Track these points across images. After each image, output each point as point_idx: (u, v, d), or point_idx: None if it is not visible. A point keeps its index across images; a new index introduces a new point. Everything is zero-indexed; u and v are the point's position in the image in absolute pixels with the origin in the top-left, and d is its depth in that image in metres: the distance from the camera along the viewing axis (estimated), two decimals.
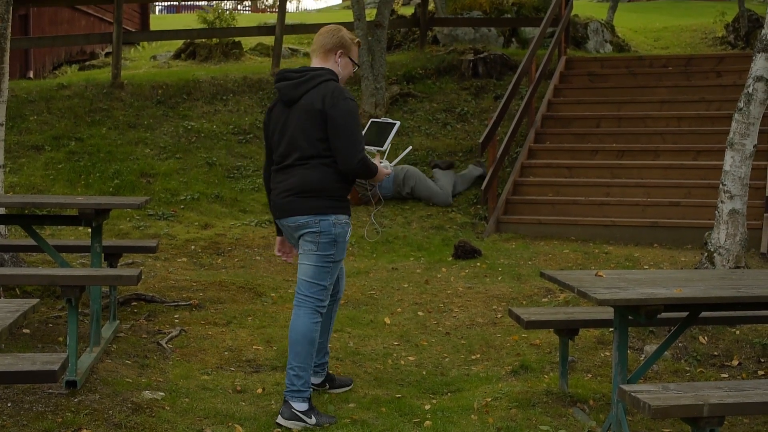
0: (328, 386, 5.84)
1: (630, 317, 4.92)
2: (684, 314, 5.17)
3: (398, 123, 5.90)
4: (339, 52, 5.48)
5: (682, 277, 5.32)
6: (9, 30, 7.76)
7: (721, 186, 7.43)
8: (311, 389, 5.33)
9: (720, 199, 7.41)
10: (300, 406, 5.19)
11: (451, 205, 11.40)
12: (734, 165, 7.36)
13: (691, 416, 4.19)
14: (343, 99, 5.27)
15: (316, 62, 5.49)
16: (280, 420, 5.21)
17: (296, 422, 5.18)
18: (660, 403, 4.13)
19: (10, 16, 7.77)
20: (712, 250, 7.39)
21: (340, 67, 5.50)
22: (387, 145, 5.72)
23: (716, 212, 7.44)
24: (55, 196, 8.35)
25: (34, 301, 3.91)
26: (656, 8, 30.60)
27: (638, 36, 21.47)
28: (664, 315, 4.92)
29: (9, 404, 5.11)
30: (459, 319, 7.73)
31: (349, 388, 5.92)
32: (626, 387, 4.44)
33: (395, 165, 5.89)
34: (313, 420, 5.19)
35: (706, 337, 6.74)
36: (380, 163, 5.58)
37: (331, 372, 5.95)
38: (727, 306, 5.10)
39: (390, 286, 8.58)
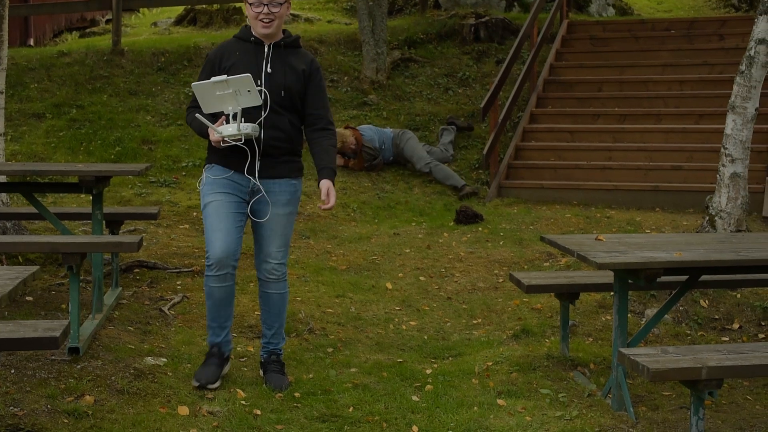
0: (262, 372, 5.49)
1: (630, 281, 4.94)
2: (684, 278, 5.18)
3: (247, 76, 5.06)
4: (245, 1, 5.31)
5: (682, 241, 5.33)
6: None
7: (722, 149, 7.41)
8: (210, 341, 5.39)
9: (721, 162, 7.41)
10: None
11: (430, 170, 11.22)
12: (736, 128, 7.34)
13: (689, 379, 4.22)
14: None
15: None
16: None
17: None
18: (659, 366, 4.15)
19: None
20: (713, 213, 7.39)
21: (250, 11, 5.25)
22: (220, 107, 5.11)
23: (717, 176, 7.44)
24: (55, 164, 8.35)
25: (34, 268, 3.92)
26: None
27: None
28: (664, 279, 4.93)
29: (12, 371, 5.13)
30: (460, 283, 7.74)
31: (276, 389, 5.30)
32: (625, 350, 4.46)
33: (236, 133, 5.05)
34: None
35: (707, 301, 6.75)
36: (224, 125, 5.08)
37: (272, 364, 5.48)
38: (727, 269, 5.11)
39: (392, 252, 8.59)
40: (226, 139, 5.08)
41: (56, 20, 18.55)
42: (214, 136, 5.10)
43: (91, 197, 6.42)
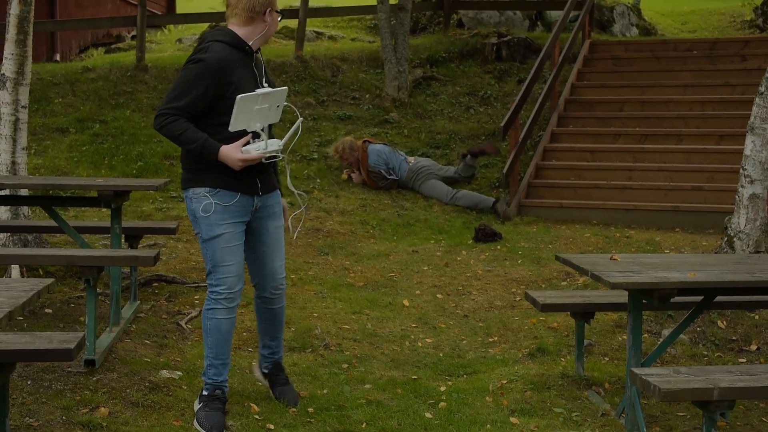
0: (269, 384, 5.43)
1: (644, 301, 4.93)
2: (699, 298, 5.17)
3: (300, 120, 5.08)
4: (268, 10, 5.00)
5: (697, 262, 5.32)
6: (32, 14, 7.81)
7: (741, 171, 7.39)
8: (211, 381, 5.01)
9: (740, 183, 7.38)
10: (203, 391, 5.03)
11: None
12: (755, 149, 7.32)
13: (701, 399, 4.21)
14: (190, 59, 4.86)
15: (231, 21, 4.99)
16: None
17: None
18: (670, 387, 4.14)
19: (33, 0, 7.82)
20: (732, 234, 7.36)
21: (269, 24, 5.01)
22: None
23: (736, 197, 7.42)
24: (75, 178, 8.43)
25: (49, 280, 3.97)
26: None
27: (665, 19, 21.32)
28: (680, 299, 4.93)
29: (29, 382, 5.18)
30: (477, 301, 7.75)
31: (294, 406, 5.29)
32: (638, 370, 4.45)
33: (277, 148, 4.92)
34: (197, 407, 5.00)
35: (724, 322, 6.72)
36: (253, 143, 4.88)
37: (282, 376, 5.44)
38: (742, 290, 5.09)
39: (410, 269, 8.61)
40: (264, 157, 4.88)
41: (82, 36, 18.72)
42: (251, 154, 4.85)
43: (110, 211, 6.46)
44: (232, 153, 4.84)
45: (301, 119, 5.15)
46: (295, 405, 5.26)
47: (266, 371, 5.43)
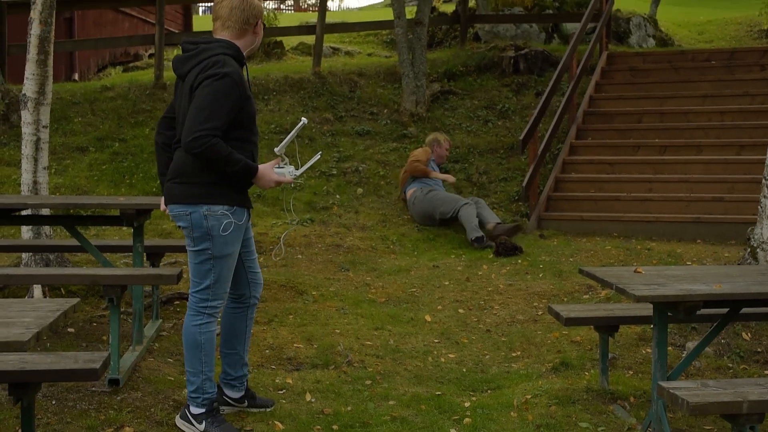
0: (246, 403, 5.37)
1: (669, 314, 4.89)
2: (724, 310, 5.13)
3: (303, 121, 5.19)
4: (257, 23, 5.02)
5: (722, 273, 5.28)
6: (52, 34, 7.86)
7: (763, 181, 7.35)
8: (209, 396, 4.97)
9: (762, 194, 7.34)
10: (194, 409, 4.95)
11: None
12: None
13: (730, 413, 4.16)
14: (213, 75, 4.73)
15: (223, 34, 4.96)
16: (176, 418, 5.08)
17: (185, 423, 4.99)
18: (698, 400, 4.11)
19: (54, 20, 7.87)
20: (755, 245, 7.32)
21: (258, 36, 5.05)
22: (281, 148, 5.11)
23: (759, 207, 7.37)
24: (97, 197, 8.45)
25: (75, 300, 3.97)
26: (700, 1, 30.30)
27: (682, 30, 21.28)
28: (705, 311, 4.89)
29: (53, 402, 5.19)
30: (499, 316, 7.72)
31: (270, 409, 5.42)
32: (665, 384, 4.41)
33: (302, 173, 5.12)
34: (203, 426, 4.91)
35: (749, 334, 6.68)
36: (280, 167, 5.04)
37: (252, 389, 5.56)
38: None
39: (431, 284, 8.59)
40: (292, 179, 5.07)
41: (101, 55, 18.84)
42: (286, 177, 4.99)
43: (132, 230, 6.48)
44: (269, 174, 4.93)
45: (320, 153, 5.45)
46: (271, 405, 5.42)
47: (244, 393, 5.37)
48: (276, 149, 5.09)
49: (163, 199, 5.14)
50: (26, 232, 7.96)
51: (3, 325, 3.34)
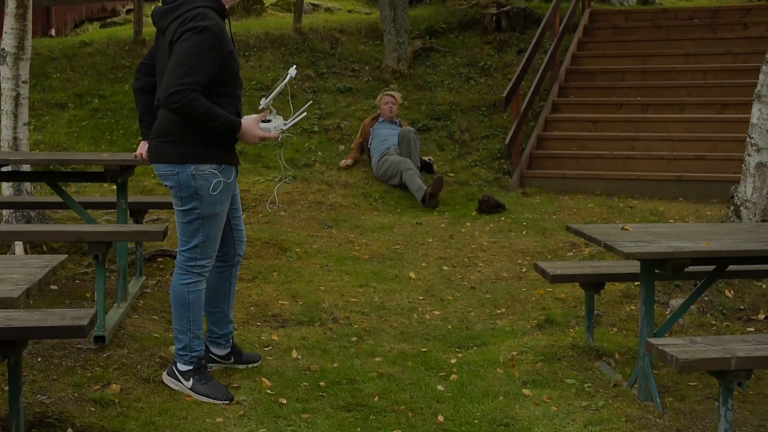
0: (233, 360, 5.37)
1: (657, 271, 4.90)
2: (711, 268, 5.15)
3: (292, 72, 4.97)
4: None
5: (708, 231, 5.30)
6: None
7: (748, 139, 7.36)
8: (197, 354, 4.94)
9: (747, 152, 7.35)
10: (181, 366, 4.94)
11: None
12: (762, 118, 7.28)
13: (718, 369, 4.19)
14: (192, 28, 4.59)
15: None
16: (163, 375, 5.08)
17: (173, 380, 4.98)
18: (687, 357, 4.13)
19: None
20: (738, 203, 7.34)
21: None
22: (268, 100, 4.92)
23: (743, 166, 7.39)
24: (80, 153, 8.38)
25: (62, 257, 3.93)
26: None
27: None
28: (690, 269, 4.90)
29: (39, 359, 5.16)
30: (484, 273, 7.73)
31: (257, 364, 5.43)
32: (653, 340, 4.43)
33: (291, 125, 4.96)
34: (190, 383, 4.90)
35: (732, 291, 6.72)
36: (267, 120, 4.92)
37: (238, 346, 5.53)
38: (755, 259, 5.07)
39: (414, 241, 8.58)
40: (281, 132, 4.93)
41: (77, 10, 18.61)
42: (271, 133, 4.87)
43: (115, 186, 6.42)
44: (253, 130, 4.83)
45: (310, 102, 5.15)
46: (258, 360, 5.43)
47: (231, 347, 5.37)
48: (262, 102, 4.95)
49: (142, 143, 5.08)
50: (6, 189, 7.89)
51: None
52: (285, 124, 4.97)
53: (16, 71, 7.73)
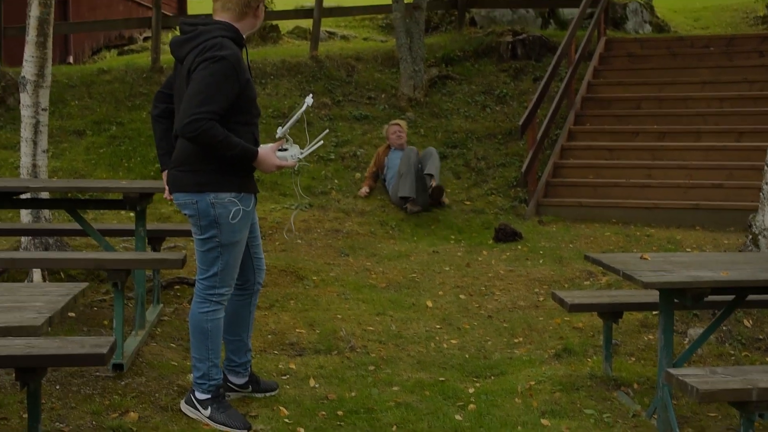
0: (251, 388, 5.37)
1: (676, 300, 4.89)
2: (730, 297, 5.13)
3: (308, 100, 5.00)
4: (258, 5, 4.93)
5: (727, 260, 5.28)
6: (52, 16, 7.81)
7: (765, 167, 7.34)
8: (215, 382, 4.93)
9: (764, 180, 7.33)
10: (200, 395, 4.93)
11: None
12: None
13: (739, 400, 4.17)
14: (210, 58, 4.62)
15: (223, 16, 4.87)
16: (181, 403, 5.06)
17: (191, 408, 4.96)
18: (708, 387, 4.11)
19: (53, 2, 7.81)
20: (756, 232, 7.31)
21: (259, 18, 4.97)
22: (285, 129, 4.93)
23: (761, 194, 7.36)
24: (99, 180, 8.42)
25: (84, 285, 3.95)
26: None
27: (678, 16, 21.25)
28: (709, 298, 4.88)
29: (57, 387, 5.17)
30: (501, 302, 7.71)
31: (275, 393, 5.44)
32: (673, 371, 4.41)
33: (308, 153, 5.00)
34: (208, 412, 4.89)
35: (750, 321, 6.68)
36: (283, 149, 4.94)
37: (256, 374, 5.52)
38: None
39: (431, 269, 8.57)
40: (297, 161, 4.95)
41: (95, 38, 18.74)
42: (288, 161, 4.89)
43: (131, 214, 6.44)
44: (270, 158, 4.84)
45: (326, 130, 5.23)
46: (275, 389, 5.43)
47: (249, 377, 5.37)
48: (278, 131, 4.95)
49: (166, 183, 5.10)
50: (25, 216, 7.92)
51: (15, 309, 3.31)
52: (301, 153, 4.99)
53: (36, 98, 7.78)
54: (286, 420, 5.05)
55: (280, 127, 4.98)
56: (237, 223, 4.82)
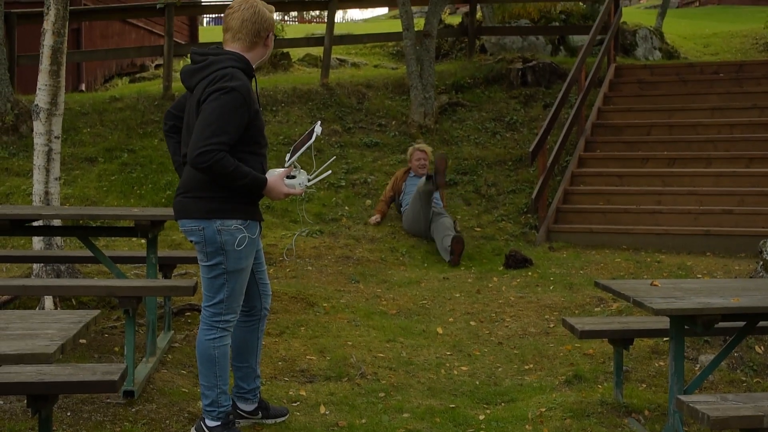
0: (260, 415, 5.34)
1: (686, 327, 4.88)
2: (741, 324, 5.12)
3: (317, 129, 5.04)
4: (268, 35, 4.98)
5: (738, 287, 5.27)
6: (65, 45, 7.88)
7: None
8: (225, 409, 4.92)
9: None
10: (210, 422, 4.90)
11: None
12: None
13: (751, 427, 4.15)
14: (220, 89, 4.66)
15: (233, 46, 4.91)
16: (191, 430, 5.03)
17: None
18: (719, 414, 4.09)
19: (66, 31, 7.89)
20: (767, 258, 7.30)
21: (268, 48, 5.02)
22: (294, 158, 4.97)
23: None
24: (111, 208, 8.44)
25: (96, 312, 3.96)
26: (705, 14, 30.33)
27: (688, 42, 21.30)
28: (720, 325, 4.88)
29: (68, 413, 5.18)
30: (511, 328, 7.71)
31: (285, 418, 5.41)
32: (684, 398, 4.40)
33: (315, 181, 5.06)
34: None
35: (762, 347, 6.66)
36: (291, 177, 4.97)
37: (266, 400, 5.48)
38: None
39: (441, 296, 8.58)
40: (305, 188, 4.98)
41: (107, 66, 18.86)
42: (296, 189, 4.93)
43: (142, 241, 6.47)
44: (278, 186, 4.88)
45: (334, 158, 5.22)
46: (286, 414, 5.40)
47: (259, 403, 5.36)
48: (287, 161, 4.99)
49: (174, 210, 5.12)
50: (37, 243, 7.96)
51: (27, 336, 3.33)
52: (309, 180, 5.02)
53: (49, 127, 7.84)
54: None
55: (288, 155, 5.01)
56: (243, 250, 4.84)
